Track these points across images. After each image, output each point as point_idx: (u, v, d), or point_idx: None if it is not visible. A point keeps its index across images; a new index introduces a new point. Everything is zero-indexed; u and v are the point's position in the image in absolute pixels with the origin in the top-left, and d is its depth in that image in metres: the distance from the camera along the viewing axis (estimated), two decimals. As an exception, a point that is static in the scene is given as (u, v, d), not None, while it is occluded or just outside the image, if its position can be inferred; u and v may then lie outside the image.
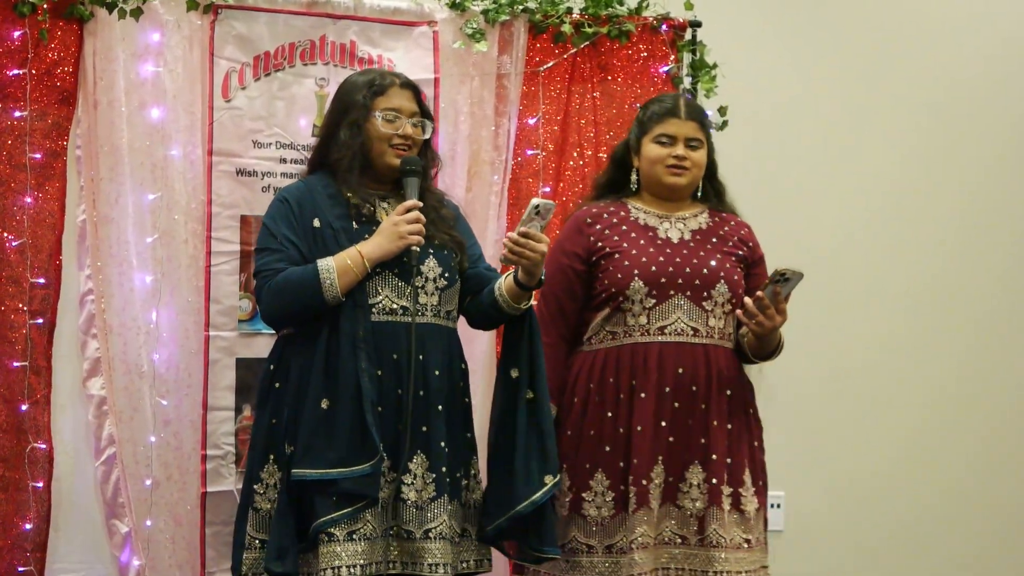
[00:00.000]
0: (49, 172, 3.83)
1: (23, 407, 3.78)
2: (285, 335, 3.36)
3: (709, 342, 3.51)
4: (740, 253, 3.61)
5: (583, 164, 4.28)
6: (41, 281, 3.81)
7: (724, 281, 3.53)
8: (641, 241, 3.55)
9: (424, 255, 3.32)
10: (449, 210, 3.49)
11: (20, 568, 3.78)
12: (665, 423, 3.45)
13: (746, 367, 3.63)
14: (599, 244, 3.56)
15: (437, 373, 3.31)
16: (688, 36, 4.39)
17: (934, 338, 5.14)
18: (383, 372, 3.24)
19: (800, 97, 5.00)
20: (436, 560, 3.25)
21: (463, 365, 3.43)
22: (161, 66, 3.90)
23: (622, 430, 3.47)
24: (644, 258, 3.51)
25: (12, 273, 3.79)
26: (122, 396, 3.87)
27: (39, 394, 3.81)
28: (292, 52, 4.05)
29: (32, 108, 3.79)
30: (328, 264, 3.22)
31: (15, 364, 3.78)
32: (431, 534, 3.26)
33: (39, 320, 3.80)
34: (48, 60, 3.81)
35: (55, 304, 3.84)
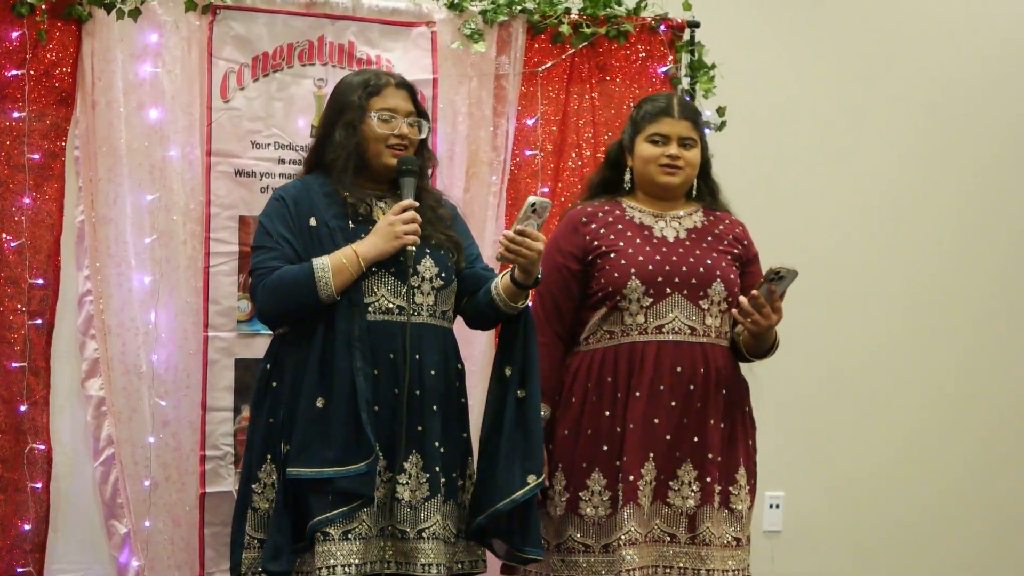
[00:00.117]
0: (47, 173, 3.83)
1: (22, 408, 3.78)
2: (281, 334, 3.36)
3: (706, 341, 3.51)
4: (735, 252, 3.62)
5: (581, 164, 4.29)
6: (40, 282, 3.81)
7: (720, 280, 3.53)
8: (637, 240, 3.55)
9: (421, 255, 3.32)
10: (446, 210, 3.49)
11: (19, 569, 3.78)
12: (660, 421, 3.45)
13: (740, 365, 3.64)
14: (595, 243, 3.56)
15: (433, 373, 3.31)
16: (686, 36, 4.39)
17: (932, 338, 5.15)
18: (379, 371, 3.24)
19: (798, 97, 5.01)
20: (429, 560, 3.25)
21: (459, 365, 3.43)
22: (159, 67, 3.90)
23: (619, 429, 3.47)
24: (641, 257, 3.51)
25: (11, 274, 3.79)
26: (121, 397, 3.87)
27: (38, 395, 3.81)
28: (290, 53, 4.05)
29: (30, 109, 3.79)
30: (323, 263, 3.22)
31: (14, 365, 3.78)
32: (424, 534, 3.27)
33: (38, 321, 3.80)
34: (46, 61, 3.81)
35: (54, 305, 3.84)
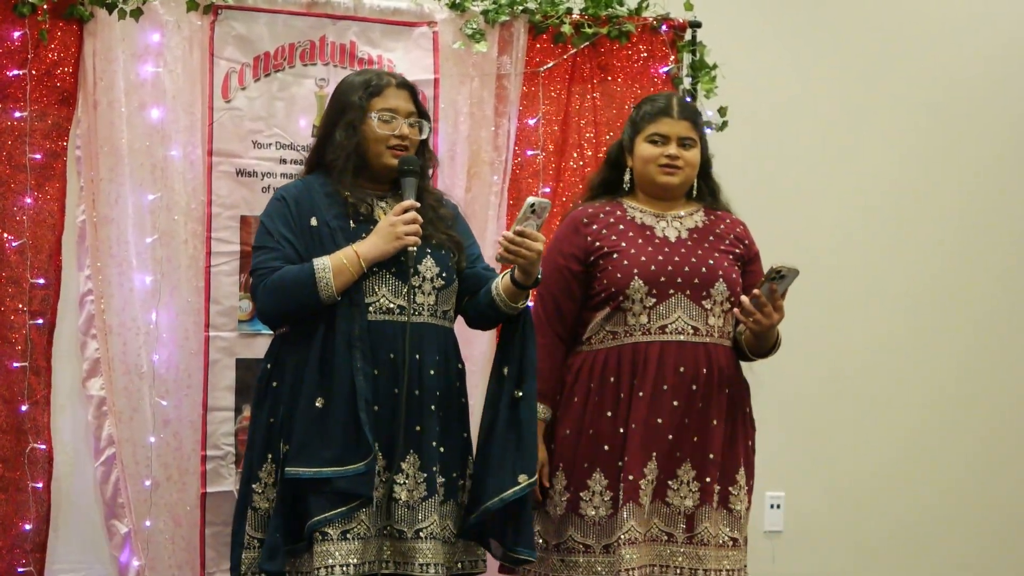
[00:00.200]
0: (49, 172, 3.83)
1: (23, 407, 3.78)
2: (281, 334, 3.36)
3: (710, 341, 3.51)
4: (737, 251, 3.62)
5: (583, 164, 4.28)
6: (41, 281, 3.81)
7: (723, 279, 3.53)
8: (639, 240, 3.55)
9: (421, 255, 3.32)
10: (448, 210, 3.49)
11: (20, 568, 3.78)
12: (663, 421, 3.46)
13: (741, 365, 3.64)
14: (597, 244, 3.56)
15: (432, 373, 3.31)
16: (688, 36, 4.39)
17: (933, 338, 5.15)
18: (379, 371, 3.24)
19: (799, 97, 5.01)
20: (427, 560, 3.25)
21: (460, 365, 3.43)
22: (161, 67, 3.90)
23: (621, 430, 3.47)
24: (643, 257, 3.51)
25: (12, 273, 3.79)
26: (122, 396, 3.87)
27: (39, 394, 3.81)
28: (292, 53, 4.05)
29: (32, 108, 3.79)
30: (324, 263, 3.22)
31: (15, 365, 3.78)
32: (422, 534, 3.26)
33: (39, 320, 3.80)
34: (48, 60, 3.81)
35: (55, 304, 3.84)
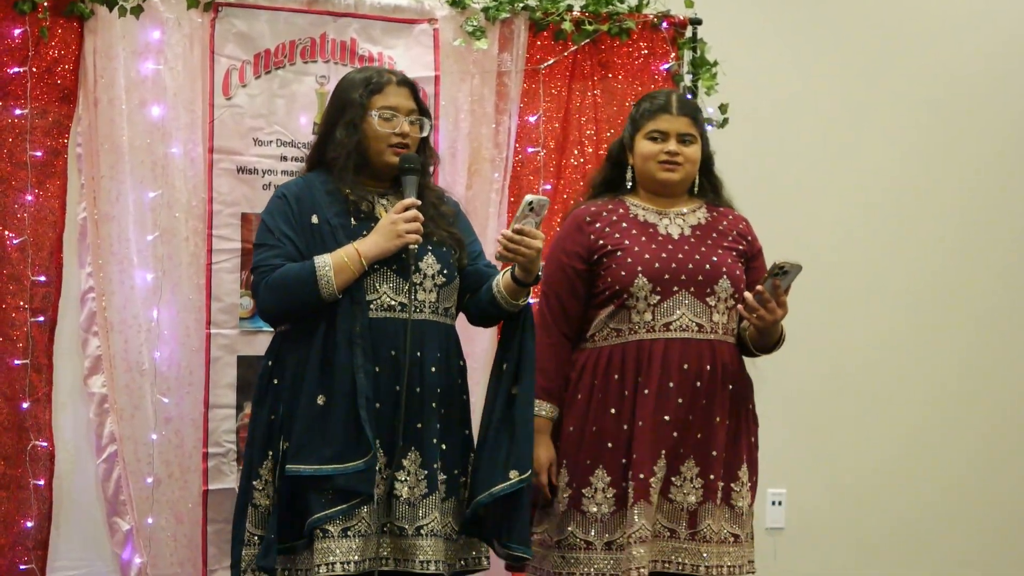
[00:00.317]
0: (50, 170, 3.83)
1: (24, 405, 3.78)
2: (282, 331, 3.35)
3: (714, 337, 3.51)
4: (740, 248, 3.62)
5: (584, 162, 4.29)
6: (42, 279, 3.81)
7: (727, 276, 3.53)
8: (642, 238, 3.55)
9: (423, 252, 3.32)
10: (449, 207, 3.48)
11: (21, 566, 3.78)
12: (669, 418, 3.46)
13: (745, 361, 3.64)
14: (600, 242, 3.55)
15: (434, 370, 3.30)
16: (689, 33, 4.40)
17: (934, 335, 5.15)
18: (380, 368, 3.24)
19: (800, 94, 5.00)
20: (428, 557, 3.25)
21: (461, 362, 3.43)
22: (162, 64, 3.90)
23: (626, 427, 3.47)
24: (647, 255, 3.51)
25: (13, 271, 3.79)
26: (123, 394, 3.88)
27: (40, 392, 3.81)
28: (293, 50, 4.05)
29: (33, 106, 3.79)
30: (325, 261, 3.22)
31: (16, 362, 3.78)
32: (423, 531, 3.26)
33: (40, 318, 3.81)
34: (49, 58, 3.81)
35: (56, 302, 3.84)
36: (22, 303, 3.79)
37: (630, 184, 3.65)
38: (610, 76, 4.33)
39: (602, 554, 3.46)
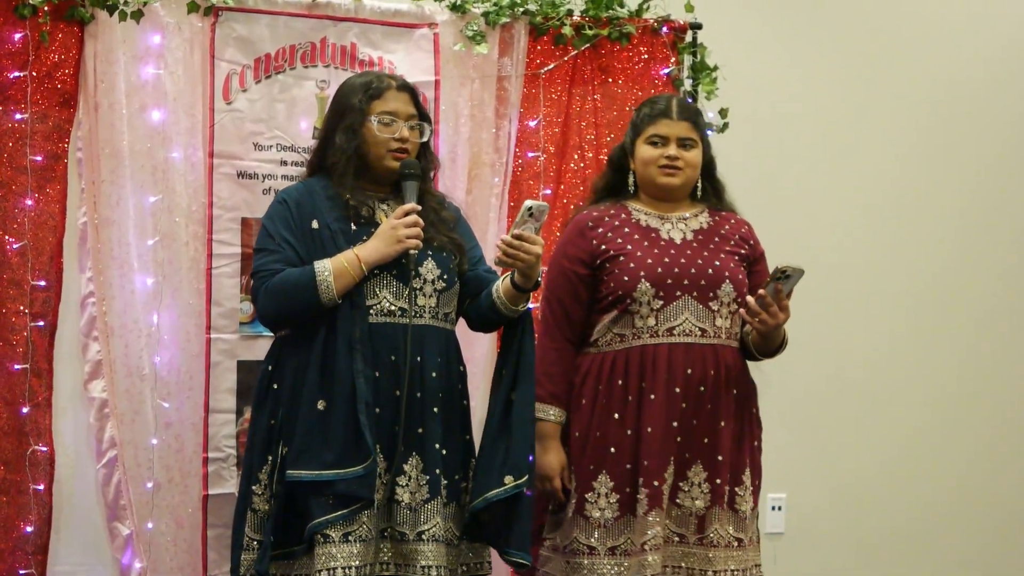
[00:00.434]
0: (50, 175, 3.83)
1: (24, 410, 3.78)
2: (282, 336, 3.36)
3: (717, 342, 3.51)
4: (742, 252, 3.62)
5: (584, 166, 4.29)
6: (42, 283, 3.81)
7: (729, 280, 3.53)
8: (645, 243, 3.55)
9: (423, 257, 3.32)
10: (449, 212, 3.48)
11: (21, 571, 3.78)
12: (676, 423, 3.46)
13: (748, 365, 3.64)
14: (603, 247, 3.56)
15: (434, 375, 3.30)
16: (688, 38, 4.40)
17: (935, 337, 5.14)
18: (380, 373, 3.24)
19: (800, 98, 5.00)
20: (429, 562, 3.25)
21: (461, 367, 3.43)
22: (162, 68, 3.90)
23: (630, 432, 3.47)
24: (649, 260, 3.51)
25: (13, 276, 3.79)
26: (123, 399, 3.88)
27: (40, 397, 3.81)
28: (293, 54, 4.05)
29: (33, 110, 3.79)
30: (325, 266, 3.22)
31: (16, 367, 3.78)
32: (424, 536, 3.26)
33: (40, 323, 3.80)
34: (49, 62, 3.81)
35: (56, 307, 3.84)
36: (22, 308, 3.79)
37: (632, 189, 3.65)
38: (610, 81, 4.33)
39: (606, 559, 3.46)
